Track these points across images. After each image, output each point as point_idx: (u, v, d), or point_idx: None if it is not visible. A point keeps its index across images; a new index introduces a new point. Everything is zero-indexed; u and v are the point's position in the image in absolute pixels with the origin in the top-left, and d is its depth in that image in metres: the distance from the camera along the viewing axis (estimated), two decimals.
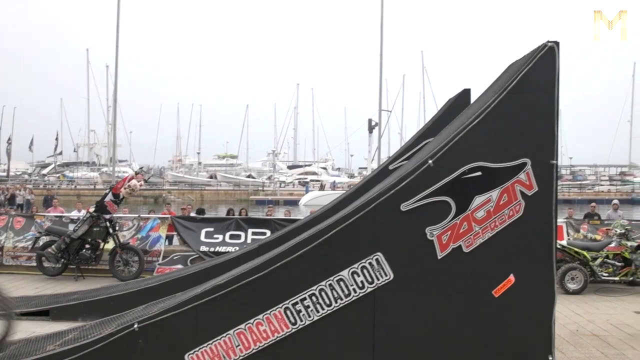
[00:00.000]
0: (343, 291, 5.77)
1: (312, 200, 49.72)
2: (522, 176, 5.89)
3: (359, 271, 5.78)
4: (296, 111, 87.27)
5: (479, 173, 5.86)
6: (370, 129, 34.57)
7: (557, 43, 5.98)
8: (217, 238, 14.57)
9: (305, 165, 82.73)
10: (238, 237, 14.58)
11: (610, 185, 69.09)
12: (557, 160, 6.01)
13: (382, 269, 5.78)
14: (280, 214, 27.30)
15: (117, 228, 13.84)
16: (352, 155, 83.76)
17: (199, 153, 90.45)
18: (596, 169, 78.15)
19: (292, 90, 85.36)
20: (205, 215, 17.93)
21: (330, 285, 5.78)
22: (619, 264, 12.90)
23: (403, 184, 5.80)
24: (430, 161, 5.79)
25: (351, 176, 76.14)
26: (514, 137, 5.94)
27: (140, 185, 13.91)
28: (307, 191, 61.40)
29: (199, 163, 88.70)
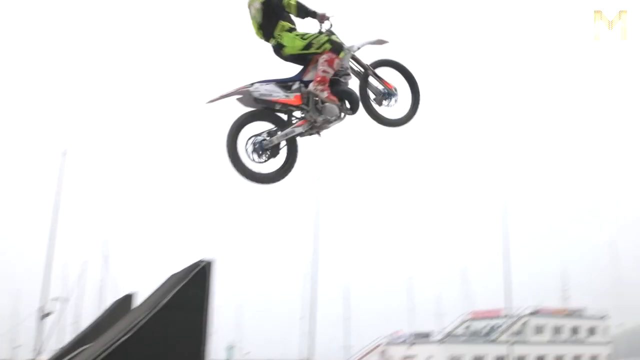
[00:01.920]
0: None
1: None
2: None
3: None
4: None
5: None
6: (42, 317, 33.36)
7: (209, 263, 6.42)
8: None
9: None
10: None
11: None
12: None
13: None
14: None
15: None
16: (19, 346, 75.63)
17: None
18: None
19: None
20: None
21: None
22: None
23: None
24: None
25: None
26: (164, 353, 6.08)
27: None
28: None
29: None
